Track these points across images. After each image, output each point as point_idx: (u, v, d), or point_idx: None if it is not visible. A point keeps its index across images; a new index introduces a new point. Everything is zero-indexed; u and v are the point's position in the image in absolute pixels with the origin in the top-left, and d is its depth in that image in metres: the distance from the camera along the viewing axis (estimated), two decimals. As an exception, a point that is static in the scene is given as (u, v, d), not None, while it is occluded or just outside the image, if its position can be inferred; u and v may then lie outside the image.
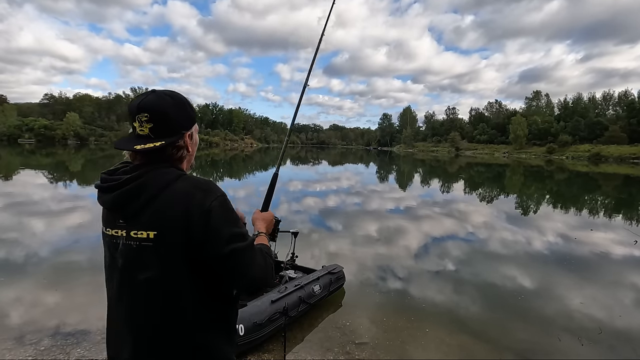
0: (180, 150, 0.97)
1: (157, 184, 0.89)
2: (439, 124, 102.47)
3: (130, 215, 0.90)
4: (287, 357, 2.93)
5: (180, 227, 0.87)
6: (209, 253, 0.88)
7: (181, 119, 0.96)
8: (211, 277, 0.92)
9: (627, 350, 3.32)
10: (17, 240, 5.98)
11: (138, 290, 0.90)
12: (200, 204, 0.88)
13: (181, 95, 0.99)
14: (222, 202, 0.91)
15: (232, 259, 0.89)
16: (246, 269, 0.91)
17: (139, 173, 0.90)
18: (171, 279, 0.89)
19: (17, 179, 15.25)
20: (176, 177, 0.92)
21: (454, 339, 3.38)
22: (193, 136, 1.02)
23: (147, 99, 0.93)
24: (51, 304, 3.78)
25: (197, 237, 0.87)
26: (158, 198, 0.88)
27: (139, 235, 0.89)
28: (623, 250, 6.55)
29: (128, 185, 0.89)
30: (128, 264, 0.91)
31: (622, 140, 54.85)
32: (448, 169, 32.12)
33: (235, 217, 0.94)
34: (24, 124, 64.04)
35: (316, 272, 3.98)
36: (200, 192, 0.89)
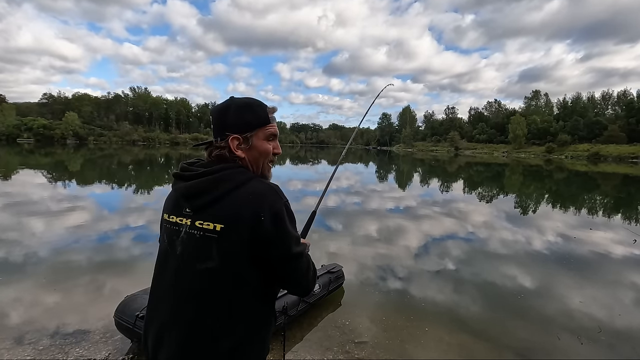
0: (218, 149, 1.01)
1: (232, 181, 0.94)
2: (439, 123, 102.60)
3: (199, 205, 0.94)
4: (286, 356, 2.93)
5: (248, 225, 0.90)
6: (276, 253, 0.94)
7: (230, 123, 1.01)
8: (269, 275, 0.97)
9: (627, 349, 3.32)
10: (16, 240, 5.96)
11: (194, 278, 0.94)
12: (272, 206, 0.93)
13: (250, 100, 1.04)
14: (288, 207, 0.98)
15: (296, 261, 0.98)
16: (304, 271, 1.01)
17: (216, 168, 0.96)
18: (229, 272, 0.92)
19: (16, 179, 15.22)
20: (250, 178, 0.97)
21: (454, 338, 3.38)
22: (248, 141, 1.02)
23: (218, 105, 1.05)
24: (50, 304, 3.77)
25: (266, 237, 0.92)
26: (231, 194, 0.93)
27: (204, 225, 0.93)
28: (622, 250, 6.56)
29: (204, 177, 0.95)
30: (188, 252, 0.95)
31: (621, 140, 54.97)
32: (447, 169, 32.14)
33: (294, 222, 1.01)
34: (23, 124, 63.97)
35: (316, 271, 3.97)
36: (272, 194, 0.96)
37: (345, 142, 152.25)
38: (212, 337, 0.92)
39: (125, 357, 2.86)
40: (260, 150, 1.04)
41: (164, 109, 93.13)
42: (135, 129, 78.69)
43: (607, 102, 72.76)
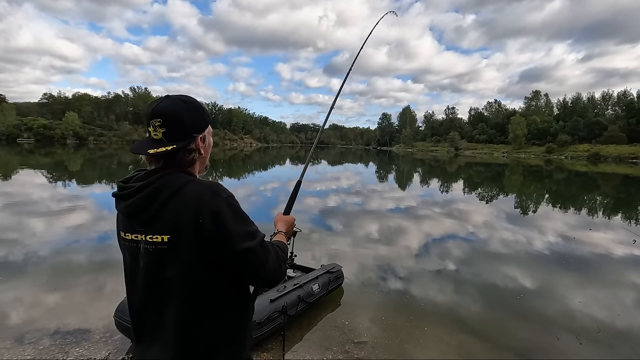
0: (192, 153, 1.01)
1: (168, 189, 0.93)
2: (439, 123, 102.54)
3: (146, 220, 0.95)
4: (286, 356, 2.94)
5: (191, 230, 0.91)
6: (222, 252, 0.93)
7: (193, 123, 1.00)
8: (227, 273, 0.97)
9: (626, 349, 3.33)
10: (16, 240, 5.97)
11: (162, 288, 0.96)
12: (209, 206, 0.91)
13: (194, 100, 1.03)
14: (230, 202, 0.95)
15: (244, 257, 0.94)
16: (259, 265, 0.97)
17: (151, 180, 0.95)
18: (190, 277, 0.94)
19: (16, 179, 15.23)
20: (186, 182, 0.95)
21: (453, 338, 3.38)
22: (206, 139, 1.06)
23: (160, 105, 0.98)
24: (51, 304, 3.78)
25: (209, 238, 0.91)
26: (169, 203, 0.93)
27: (154, 239, 0.94)
28: (622, 250, 6.56)
29: (142, 192, 0.94)
30: (150, 265, 0.96)
31: (621, 140, 54.92)
32: (447, 169, 32.14)
33: (244, 216, 0.98)
34: (23, 124, 63.97)
35: (315, 271, 3.98)
36: (208, 194, 0.93)
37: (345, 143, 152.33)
38: (189, 342, 0.95)
39: (125, 356, 2.87)
40: (210, 145, 1.10)
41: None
42: (136, 129, 78.63)
43: (607, 102, 72.68)
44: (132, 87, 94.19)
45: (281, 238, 1.23)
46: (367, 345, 3.19)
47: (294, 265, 4.27)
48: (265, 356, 2.96)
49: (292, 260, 4.26)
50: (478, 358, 3.10)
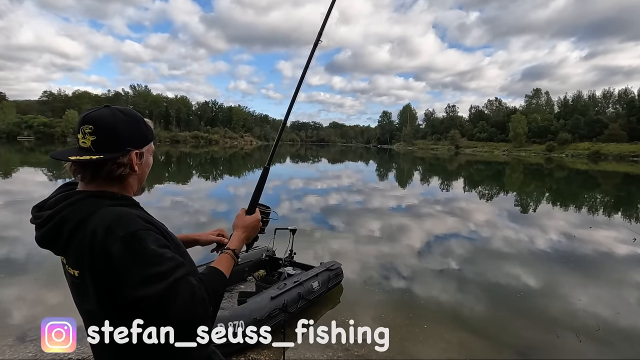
0: (121, 167, 0.90)
1: (71, 222, 0.84)
2: (439, 121, 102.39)
3: (60, 253, 0.90)
4: (286, 354, 2.95)
5: (92, 270, 0.82)
6: (117, 300, 0.82)
7: (129, 136, 0.92)
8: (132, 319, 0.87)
9: (625, 347, 3.34)
10: (17, 238, 5.98)
11: (86, 320, 0.94)
12: (101, 247, 0.80)
13: (136, 114, 0.96)
14: (129, 241, 0.80)
15: (142, 306, 0.80)
16: (161, 314, 0.81)
17: (57, 209, 0.86)
18: (103, 313, 0.87)
19: (16, 177, 15.25)
20: (92, 212, 0.85)
21: (453, 336, 3.39)
22: (143, 156, 0.96)
23: (96, 112, 0.90)
24: (51, 301, 3.79)
25: (102, 283, 0.82)
26: (72, 238, 0.85)
27: (70, 271, 0.89)
28: (622, 248, 6.57)
29: (50, 222, 0.87)
30: (73, 294, 0.94)
31: (622, 138, 54.84)
32: (448, 167, 32.13)
33: (148, 254, 0.81)
34: (23, 122, 64.01)
35: (314, 268, 3.99)
36: (102, 232, 0.80)
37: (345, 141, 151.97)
38: None
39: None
40: (149, 164, 1.01)
41: (164, 107, 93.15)
42: (136, 126, 78.77)
43: (608, 100, 72.51)
44: (132, 85, 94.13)
45: (223, 262, 1.02)
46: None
47: (293, 262, 4.29)
48: (265, 353, 2.97)
49: (291, 258, 4.29)
50: (478, 356, 3.11)
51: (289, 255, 4.27)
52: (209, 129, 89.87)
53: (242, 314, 2.93)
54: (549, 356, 3.17)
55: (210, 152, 43.58)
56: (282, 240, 4.29)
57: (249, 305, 3.05)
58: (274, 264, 4.28)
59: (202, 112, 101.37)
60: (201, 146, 61.67)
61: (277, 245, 4.40)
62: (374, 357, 3.01)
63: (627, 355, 3.22)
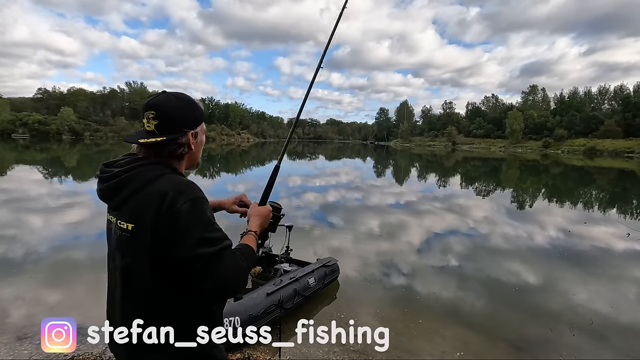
0: (181, 147, 1.03)
1: (138, 181, 0.95)
2: (436, 118, 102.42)
3: (115, 206, 1.00)
4: (282, 349, 2.96)
5: (150, 225, 0.91)
6: (173, 254, 0.90)
7: (185, 118, 1.03)
8: (175, 277, 0.93)
9: (618, 340, 3.38)
10: (14, 237, 5.95)
11: (120, 274, 1.00)
12: (171, 205, 0.90)
13: (189, 97, 1.07)
14: (194, 204, 0.92)
15: (195, 264, 0.89)
16: (207, 276, 0.90)
17: (127, 168, 0.97)
18: (141, 270, 0.95)
19: (11, 175, 15.14)
20: (158, 175, 0.96)
21: (448, 330, 3.42)
22: (198, 135, 1.08)
23: (155, 99, 1.02)
24: (48, 300, 3.79)
25: (163, 237, 0.90)
26: (139, 193, 0.94)
27: (121, 225, 0.97)
28: (616, 243, 6.63)
29: (118, 177, 0.97)
30: (114, 249, 1.02)
31: (617, 135, 55.11)
32: (445, 164, 32.22)
33: (206, 221, 0.93)
34: (18, 119, 63.39)
35: (311, 265, 4.01)
36: (173, 192, 0.91)
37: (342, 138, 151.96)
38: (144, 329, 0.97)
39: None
40: (202, 142, 1.13)
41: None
42: (132, 124, 78.18)
43: (603, 96, 72.80)
44: (127, 81, 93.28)
45: (249, 240, 1.13)
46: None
47: (289, 259, 4.30)
48: (262, 349, 2.98)
49: (287, 254, 4.30)
50: (473, 349, 3.14)
51: (285, 251, 4.28)
52: (205, 126, 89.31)
53: (237, 310, 2.94)
54: (542, 350, 3.20)
55: (207, 149, 43.44)
56: (278, 237, 4.29)
57: (244, 301, 3.06)
58: (270, 261, 4.29)
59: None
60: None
61: (273, 241, 4.41)
62: (369, 352, 3.03)
63: (619, 348, 3.27)
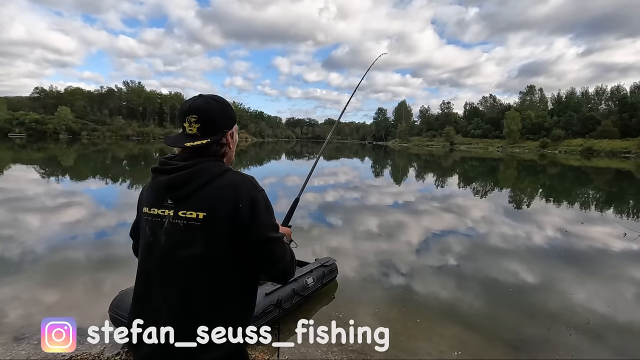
0: (223, 147, 1.11)
1: (211, 173, 1.02)
2: (434, 118, 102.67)
3: (182, 196, 1.02)
4: (280, 349, 2.96)
5: (229, 212, 0.99)
6: (252, 237, 1.00)
7: (224, 120, 1.11)
8: (248, 258, 1.04)
9: (614, 340, 3.41)
10: (11, 237, 5.92)
11: (179, 265, 1.00)
12: (249, 193, 1.02)
13: (224, 99, 1.14)
14: (264, 195, 1.06)
15: (269, 245, 1.03)
16: (280, 257, 1.06)
17: (195, 162, 1.03)
18: (212, 257, 1.00)
19: (8, 174, 15.07)
20: (227, 169, 1.06)
21: (446, 329, 3.43)
22: (234, 135, 1.17)
23: (195, 102, 1.07)
24: (45, 299, 3.77)
25: (243, 222, 0.99)
26: (210, 184, 1.01)
27: (187, 215, 1.00)
28: (613, 243, 6.67)
29: (184, 170, 1.02)
30: (172, 241, 1.02)
31: (614, 135, 55.43)
32: (443, 164, 32.29)
33: (272, 210, 1.08)
34: (14, 118, 63.04)
35: (309, 265, 4.01)
36: (249, 183, 1.05)
37: (341, 137, 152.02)
38: (198, 320, 0.99)
39: (121, 350, 2.88)
40: (236, 141, 1.20)
41: (158, 104, 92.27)
42: (129, 123, 77.89)
43: (600, 97, 73.22)
44: (125, 81, 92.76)
45: None
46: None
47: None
48: (260, 349, 2.99)
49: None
50: (470, 349, 3.16)
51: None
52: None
53: (236, 310, 2.94)
54: (539, 349, 3.22)
55: (205, 149, 43.28)
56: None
57: (243, 301, 3.06)
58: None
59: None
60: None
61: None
62: (367, 351, 3.04)
63: (616, 348, 3.29)
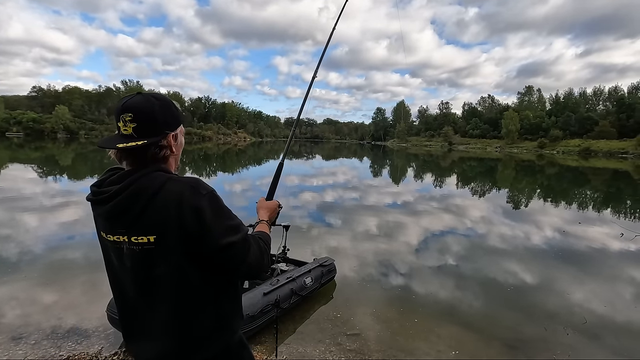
0: (163, 149, 1.00)
1: (149, 189, 0.92)
2: (433, 118, 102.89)
3: (127, 223, 0.94)
4: (279, 349, 2.97)
5: (176, 228, 0.92)
6: (206, 247, 0.94)
7: (165, 120, 0.99)
8: (212, 267, 0.99)
9: (611, 339, 3.42)
10: (8, 237, 5.90)
11: (153, 285, 0.97)
12: (191, 203, 0.92)
13: (167, 97, 1.03)
14: (210, 198, 0.95)
15: (227, 251, 0.96)
16: (242, 259, 0.98)
17: (129, 181, 0.93)
18: (178, 273, 0.96)
19: (5, 174, 15.02)
20: (165, 180, 0.94)
21: (444, 329, 3.44)
22: (177, 137, 1.04)
23: (132, 100, 0.96)
24: (43, 300, 3.76)
25: (193, 234, 0.92)
26: (152, 203, 0.92)
27: (139, 240, 0.94)
28: (610, 243, 6.69)
29: (120, 195, 0.93)
30: (138, 264, 0.97)
31: (612, 135, 55.65)
32: (441, 164, 32.33)
33: (225, 211, 0.98)
34: (12, 117, 62.82)
35: (307, 264, 4.01)
36: (189, 191, 0.93)
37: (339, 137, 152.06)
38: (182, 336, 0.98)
39: (118, 350, 2.88)
40: (182, 144, 1.09)
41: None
42: (128, 123, 77.72)
43: (598, 98, 73.46)
44: (123, 80, 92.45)
45: (263, 228, 1.24)
46: (359, 337, 3.24)
47: (286, 258, 4.29)
48: (258, 349, 2.99)
49: (284, 254, 4.29)
50: (467, 348, 3.16)
51: (282, 251, 4.28)
52: (202, 125, 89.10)
53: (234, 310, 2.94)
54: (536, 349, 3.23)
55: (203, 149, 43.26)
56: (275, 237, 4.29)
57: (241, 301, 3.06)
58: (267, 260, 4.29)
59: (195, 108, 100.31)
60: (194, 142, 61.22)
61: (270, 241, 4.41)
62: (365, 351, 3.05)
63: (612, 348, 3.31)
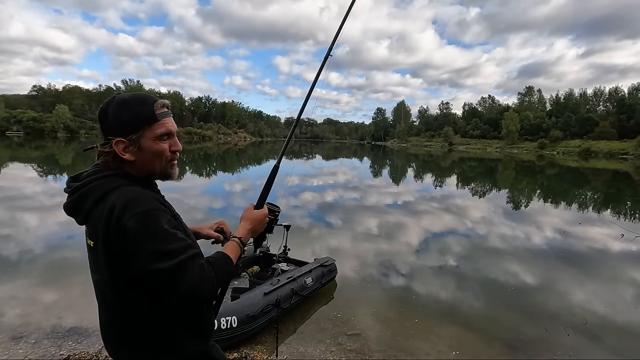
0: (104, 156, 0.94)
1: (92, 196, 0.91)
2: (433, 118, 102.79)
3: (80, 222, 0.97)
4: (279, 349, 2.97)
5: (104, 242, 0.88)
6: (130, 269, 0.87)
7: (110, 124, 0.93)
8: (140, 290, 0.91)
9: (611, 340, 3.42)
10: (9, 236, 5.90)
11: (98, 287, 0.99)
12: (117, 220, 0.85)
13: (126, 98, 0.94)
14: (141, 218, 0.85)
15: (154, 278, 0.85)
16: (170, 288, 0.85)
17: (85, 182, 0.93)
18: (112, 283, 0.93)
19: (5, 173, 15.01)
20: (111, 189, 0.90)
21: (444, 329, 3.44)
22: (138, 142, 0.93)
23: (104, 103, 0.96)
24: (44, 299, 3.76)
25: (117, 253, 0.87)
26: (93, 211, 0.91)
27: (88, 241, 0.96)
28: (610, 244, 6.69)
29: (76, 194, 0.94)
30: (90, 262, 1.00)
31: (612, 136, 55.60)
32: (441, 164, 32.32)
33: (159, 234, 0.86)
34: (12, 116, 62.80)
35: (308, 264, 4.01)
36: (119, 207, 0.85)
37: (339, 137, 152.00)
38: (122, 340, 0.99)
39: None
40: (153, 151, 0.95)
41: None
42: (128, 122, 77.71)
43: (598, 98, 73.40)
44: (124, 79, 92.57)
45: (228, 248, 1.04)
46: (359, 337, 3.24)
47: (287, 258, 4.30)
48: (259, 348, 2.98)
49: (285, 254, 4.30)
50: (468, 349, 3.16)
51: (282, 251, 4.29)
52: (202, 125, 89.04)
53: (235, 310, 2.94)
54: (537, 349, 3.23)
55: (203, 148, 43.25)
56: (276, 237, 4.29)
57: (242, 300, 3.07)
58: (267, 260, 4.29)
59: (195, 107, 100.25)
60: (194, 142, 61.23)
61: (271, 241, 4.41)
62: (366, 351, 3.04)
63: (613, 348, 3.30)
